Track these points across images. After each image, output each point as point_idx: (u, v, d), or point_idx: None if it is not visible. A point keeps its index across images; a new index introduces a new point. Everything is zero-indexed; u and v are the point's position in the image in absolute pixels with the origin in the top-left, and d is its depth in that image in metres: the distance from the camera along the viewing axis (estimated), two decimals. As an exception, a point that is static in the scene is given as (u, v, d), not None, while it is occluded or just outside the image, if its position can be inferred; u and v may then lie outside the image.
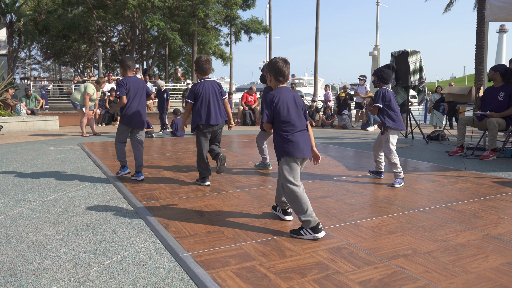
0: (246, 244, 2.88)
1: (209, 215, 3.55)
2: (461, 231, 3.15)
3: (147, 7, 20.12)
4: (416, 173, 5.39)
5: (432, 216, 3.54)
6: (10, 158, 6.50)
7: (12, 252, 2.80)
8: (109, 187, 4.63)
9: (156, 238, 3.06)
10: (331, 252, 2.74)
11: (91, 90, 9.55)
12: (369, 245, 2.87)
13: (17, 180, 4.99)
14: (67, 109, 18.30)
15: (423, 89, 8.93)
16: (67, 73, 49.32)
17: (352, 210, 3.70)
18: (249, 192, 4.34)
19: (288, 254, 2.71)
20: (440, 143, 8.79)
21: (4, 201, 4.06)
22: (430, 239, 2.98)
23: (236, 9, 23.46)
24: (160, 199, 4.04)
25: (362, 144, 8.59)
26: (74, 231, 3.20)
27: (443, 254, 2.72)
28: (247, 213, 3.61)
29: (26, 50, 34.62)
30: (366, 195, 4.21)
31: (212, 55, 27.51)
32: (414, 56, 8.72)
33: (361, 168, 5.71)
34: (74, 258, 2.70)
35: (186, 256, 2.66)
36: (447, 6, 21.72)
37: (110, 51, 30.72)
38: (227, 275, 2.41)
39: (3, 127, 10.52)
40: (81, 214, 3.63)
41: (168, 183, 4.77)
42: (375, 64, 21.89)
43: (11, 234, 3.15)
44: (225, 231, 3.14)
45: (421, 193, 4.31)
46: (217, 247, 2.84)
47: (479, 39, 17.34)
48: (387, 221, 3.39)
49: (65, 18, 22.77)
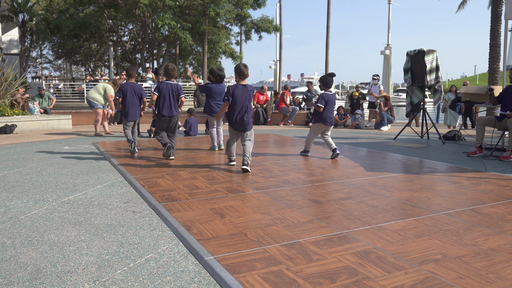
0: (271, 247, 2.83)
1: (230, 216, 3.50)
2: (491, 235, 3.06)
3: (158, 6, 20.14)
4: (436, 174, 5.29)
5: (458, 219, 3.45)
6: (26, 158, 6.52)
7: (35, 254, 2.77)
8: (127, 188, 4.61)
9: (178, 240, 3.02)
10: (359, 256, 2.67)
11: (113, 92, 9.62)
12: (397, 249, 2.80)
13: (35, 179, 4.98)
14: (79, 107, 18.39)
15: (439, 89, 8.81)
16: (78, 72, 49.66)
17: (375, 212, 3.63)
18: (268, 193, 4.29)
19: (315, 258, 2.65)
20: (456, 143, 8.66)
21: (23, 201, 4.05)
22: (459, 243, 2.90)
23: (247, 8, 23.39)
24: (179, 200, 4.00)
25: (377, 144, 8.49)
26: (95, 233, 3.17)
27: (474, 259, 2.64)
28: (268, 214, 3.55)
29: (38, 49, 34.91)
30: (387, 197, 4.14)
31: (222, 54, 27.52)
32: (431, 55, 8.60)
33: (380, 169, 5.62)
34: (98, 261, 2.66)
35: (211, 260, 2.61)
36: (461, 4, 21.46)
37: (121, 50, 30.84)
38: (254, 280, 2.36)
39: (17, 126, 10.58)
40: (100, 215, 3.60)
41: (185, 183, 4.73)
42: (387, 63, 21.70)
43: (33, 235, 3.13)
44: (248, 234, 3.09)
45: (444, 195, 4.22)
46: (241, 250, 2.79)
47: (493, 38, 17.12)
48: (413, 224, 3.31)
49: (76, 17, 22.88)
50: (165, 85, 6.21)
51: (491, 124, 6.80)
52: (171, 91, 6.20)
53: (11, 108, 11.54)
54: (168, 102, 6.17)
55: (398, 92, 46.21)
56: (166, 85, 6.21)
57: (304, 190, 4.40)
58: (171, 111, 6.22)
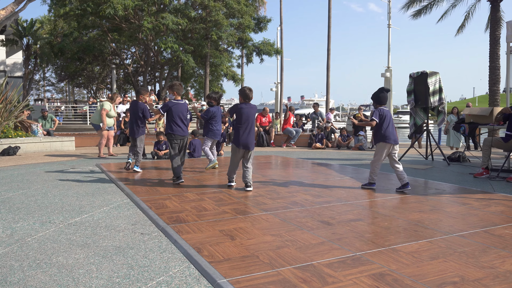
0: (284, 270, 2.77)
1: (241, 238, 3.45)
2: (507, 257, 3.01)
3: (161, 30, 20.41)
4: (444, 196, 5.25)
5: (472, 241, 3.40)
6: (30, 179, 6.48)
7: (44, 277, 2.72)
8: (134, 209, 4.56)
9: (189, 263, 2.96)
10: (375, 279, 2.62)
11: (108, 106, 9.66)
12: (413, 271, 2.75)
13: (40, 201, 4.94)
14: (81, 129, 18.42)
15: (442, 110, 8.83)
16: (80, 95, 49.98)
17: (387, 234, 3.58)
18: (277, 214, 4.24)
19: (330, 281, 2.59)
20: (461, 164, 8.63)
21: (29, 223, 4.00)
22: (475, 266, 2.85)
23: (249, 31, 23.68)
24: (188, 222, 3.95)
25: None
26: (104, 255, 3.12)
27: (493, 282, 2.58)
28: (279, 236, 3.50)
29: (41, 72, 35.22)
30: (398, 218, 4.09)
31: (224, 76, 27.74)
32: (434, 77, 8.65)
33: (387, 191, 5.58)
34: (108, 284, 2.60)
35: (224, 283, 2.56)
36: (459, 28, 21.73)
37: (123, 72, 31.12)
38: (270, 303, 2.30)
39: (20, 148, 10.56)
40: (109, 237, 3.55)
41: (192, 205, 4.68)
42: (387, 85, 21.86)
43: (41, 257, 3.07)
44: (260, 256, 3.04)
45: (455, 217, 4.17)
46: (254, 272, 2.73)
47: (493, 60, 17.29)
48: (426, 246, 3.26)
49: (80, 41, 23.16)
50: (175, 104, 6.14)
51: (497, 146, 6.79)
52: (182, 111, 6.15)
53: (14, 130, 11.56)
54: (181, 122, 6.12)
55: (398, 114, 46.37)
56: (176, 104, 6.14)
57: (313, 212, 4.35)
58: (183, 131, 6.17)
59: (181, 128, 6.13)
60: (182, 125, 6.16)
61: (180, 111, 6.15)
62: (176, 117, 6.11)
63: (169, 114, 6.16)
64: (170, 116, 6.15)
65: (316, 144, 12.91)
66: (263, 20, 24.78)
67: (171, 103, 6.15)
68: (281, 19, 28.60)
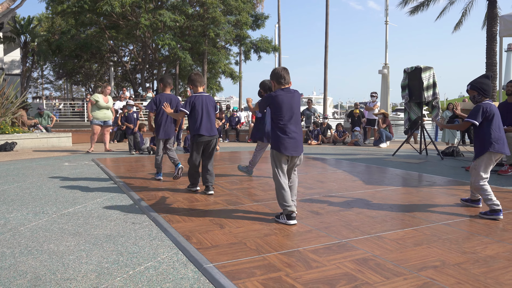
0: (270, 255, 2.83)
1: (230, 227, 3.51)
2: (489, 244, 3.07)
3: (158, 27, 20.44)
4: (435, 187, 5.31)
5: (458, 228, 3.46)
6: (26, 173, 6.53)
7: (35, 262, 2.77)
8: (127, 201, 4.62)
9: (178, 250, 3.02)
10: (358, 263, 2.68)
11: (96, 97, 9.35)
12: (396, 256, 2.81)
13: (35, 193, 4.99)
14: (78, 126, 18.48)
15: (436, 105, 8.89)
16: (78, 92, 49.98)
17: (374, 222, 3.64)
18: (268, 205, 4.30)
19: (314, 265, 2.65)
20: (455, 159, 8.70)
21: (23, 213, 4.06)
22: (457, 251, 2.91)
23: (246, 29, 23.74)
24: (179, 212, 4.01)
25: (375, 159, 8.52)
26: (95, 243, 3.17)
27: (473, 266, 2.65)
28: (267, 225, 3.56)
29: (39, 70, 35.24)
30: (386, 208, 4.15)
31: (222, 74, 27.78)
32: (427, 72, 8.71)
33: (378, 183, 5.64)
34: (97, 269, 2.66)
35: (210, 267, 2.62)
36: (456, 25, 21.77)
37: (121, 70, 31.15)
38: (253, 286, 2.36)
39: (17, 143, 10.61)
40: (100, 226, 3.61)
41: (185, 196, 4.74)
42: (385, 82, 21.93)
43: (32, 245, 3.13)
44: (247, 243, 3.10)
45: (443, 207, 4.24)
46: (240, 258, 2.79)
47: (489, 57, 17.36)
48: (412, 234, 3.32)
49: (78, 38, 23.19)
50: (199, 98, 4.90)
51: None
52: (207, 105, 4.91)
53: (11, 126, 11.60)
54: (206, 119, 4.86)
55: (396, 112, 46.40)
56: (200, 98, 4.90)
57: (303, 203, 4.41)
58: (212, 130, 4.90)
59: (209, 127, 4.90)
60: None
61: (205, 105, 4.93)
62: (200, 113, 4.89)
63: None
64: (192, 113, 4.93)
65: (311, 142, 12.97)
66: (261, 17, 24.84)
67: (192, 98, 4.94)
68: (278, 16, 28.63)
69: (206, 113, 4.87)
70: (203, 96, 4.92)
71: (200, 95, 4.91)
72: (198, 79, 4.98)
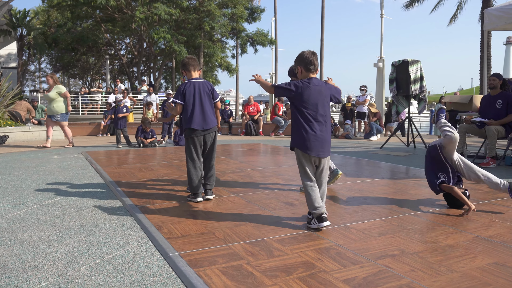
0: (236, 245, 2.91)
1: (203, 218, 3.59)
2: (452, 233, 3.15)
3: (154, 20, 20.42)
4: (415, 179, 5.39)
5: (425, 219, 3.54)
6: (13, 166, 6.61)
7: (6, 251, 2.85)
8: (108, 192, 4.69)
9: (148, 239, 3.10)
10: (319, 252, 2.76)
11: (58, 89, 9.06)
12: (358, 246, 2.89)
13: (18, 185, 5.07)
14: (71, 120, 18.51)
15: (423, 98, 8.95)
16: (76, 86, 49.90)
17: (345, 214, 3.72)
18: (244, 197, 4.38)
19: (276, 254, 2.73)
20: (442, 152, 8.76)
21: (3, 205, 4.13)
22: (419, 241, 2.99)
23: (242, 22, 23.71)
24: (156, 203, 4.09)
25: (363, 152, 8.59)
26: (68, 233, 3.25)
27: (431, 254, 2.73)
28: (240, 216, 3.64)
29: (36, 63, 35.20)
30: (360, 201, 4.23)
31: (218, 67, 27.77)
32: (415, 65, 8.76)
33: (358, 175, 5.72)
34: (66, 257, 2.74)
35: (175, 256, 2.70)
36: (452, 18, 21.79)
37: (117, 63, 31.12)
38: (213, 273, 2.44)
39: (9, 136, 10.67)
40: (77, 217, 3.69)
41: (166, 188, 4.82)
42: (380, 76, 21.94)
43: (6, 235, 3.21)
44: (216, 233, 3.17)
45: (418, 198, 4.32)
46: (206, 247, 2.87)
47: (483, 50, 17.41)
48: (379, 224, 3.40)
49: (74, 31, 23.17)
50: (191, 85, 4.14)
51: (472, 132, 6.92)
52: (200, 93, 4.15)
53: (4, 120, 11.66)
54: (199, 109, 4.12)
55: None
56: (192, 85, 4.15)
57: (280, 194, 4.49)
58: (205, 123, 4.14)
59: (202, 119, 4.16)
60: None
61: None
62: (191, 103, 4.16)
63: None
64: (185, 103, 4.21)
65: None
66: (257, 10, 24.80)
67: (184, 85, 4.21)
68: (275, 9, 28.56)
69: (198, 102, 4.10)
70: (195, 83, 4.17)
71: (193, 82, 4.17)
72: (191, 62, 4.22)
